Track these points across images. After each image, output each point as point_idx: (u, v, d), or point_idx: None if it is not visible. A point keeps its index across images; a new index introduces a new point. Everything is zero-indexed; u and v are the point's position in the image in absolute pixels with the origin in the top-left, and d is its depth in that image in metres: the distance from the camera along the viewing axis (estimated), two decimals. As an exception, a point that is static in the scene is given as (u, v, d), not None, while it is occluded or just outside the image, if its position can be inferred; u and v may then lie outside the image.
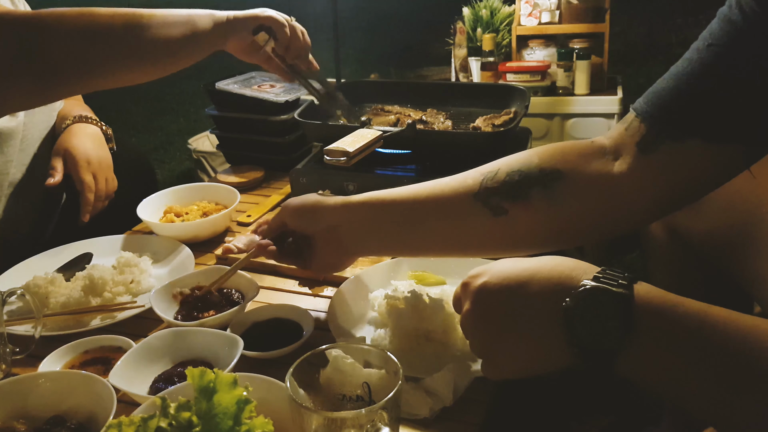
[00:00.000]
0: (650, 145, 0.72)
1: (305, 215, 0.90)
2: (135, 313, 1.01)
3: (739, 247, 0.93)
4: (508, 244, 0.81)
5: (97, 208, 1.31)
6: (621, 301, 0.55)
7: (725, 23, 0.68)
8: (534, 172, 0.77)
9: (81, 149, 1.32)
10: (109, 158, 1.37)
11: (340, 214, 0.87)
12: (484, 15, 2.37)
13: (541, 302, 0.60)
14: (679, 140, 0.70)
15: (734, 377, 0.53)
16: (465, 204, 0.80)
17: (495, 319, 0.63)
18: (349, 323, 0.95)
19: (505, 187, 0.78)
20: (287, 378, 0.62)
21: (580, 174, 0.76)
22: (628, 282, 0.57)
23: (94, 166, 1.32)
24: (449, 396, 0.77)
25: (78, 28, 0.91)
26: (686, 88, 0.70)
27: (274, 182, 1.55)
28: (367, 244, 0.89)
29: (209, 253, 1.22)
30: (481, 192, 0.79)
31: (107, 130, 1.43)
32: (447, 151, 1.29)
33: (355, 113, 1.43)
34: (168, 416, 0.57)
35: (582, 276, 0.59)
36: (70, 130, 1.37)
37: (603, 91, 2.30)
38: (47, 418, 0.75)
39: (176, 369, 0.84)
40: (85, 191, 1.29)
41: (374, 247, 0.90)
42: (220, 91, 1.57)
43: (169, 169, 3.48)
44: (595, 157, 0.77)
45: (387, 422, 0.60)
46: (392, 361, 0.64)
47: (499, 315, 0.62)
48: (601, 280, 0.57)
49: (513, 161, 0.80)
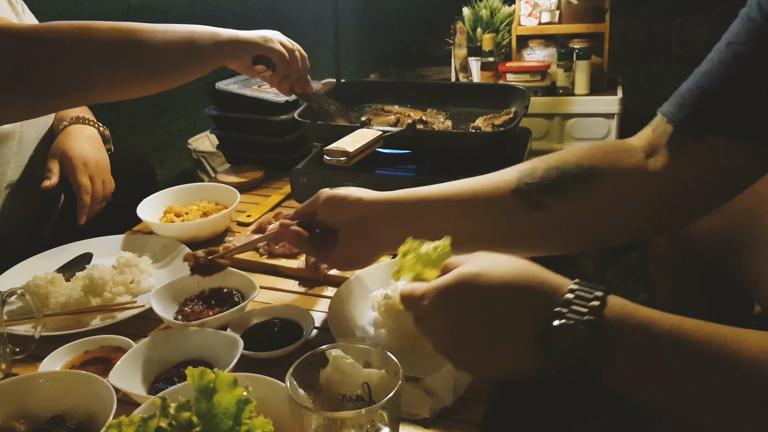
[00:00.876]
0: (678, 145, 0.73)
1: (338, 205, 0.88)
2: (135, 313, 1.01)
3: (739, 246, 0.93)
4: (545, 240, 0.80)
5: (94, 211, 1.31)
6: (591, 329, 0.55)
7: (746, 22, 0.69)
8: (571, 169, 0.77)
9: (77, 151, 1.31)
10: (106, 160, 1.37)
11: (375, 208, 0.86)
12: (484, 15, 2.37)
13: (518, 319, 0.58)
14: (701, 138, 0.71)
15: (712, 388, 0.54)
16: (503, 200, 0.79)
17: (468, 326, 0.60)
18: (349, 323, 0.95)
19: (543, 182, 0.78)
20: (287, 378, 0.62)
21: (616, 170, 0.76)
22: (600, 302, 0.56)
23: (91, 168, 1.31)
24: (449, 396, 0.77)
25: (76, 44, 0.92)
26: (706, 87, 0.71)
27: (274, 182, 1.55)
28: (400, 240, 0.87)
29: (209, 253, 1.22)
30: (520, 188, 0.79)
31: (104, 132, 1.42)
32: (447, 151, 1.29)
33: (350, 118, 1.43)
34: (168, 416, 0.57)
35: (555, 296, 0.58)
36: (66, 131, 1.36)
37: (603, 91, 2.30)
38: (47, 418, 0.75)
39: (176, 369, 0.84)
40: (81, 194, 1.29)
41: None
42: (220, 91, 1.57)
43: (169, 169, 3.48)
44: (629, 154, 0.77)
45: (387, 422, 0.60)
46: (392, 361, 0.64)
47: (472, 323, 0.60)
48: (573, 303, 0.57)
49: (549, 159, 0.80)
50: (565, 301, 0.57)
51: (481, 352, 0.61)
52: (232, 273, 1.04)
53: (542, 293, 0.59)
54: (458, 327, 0.61)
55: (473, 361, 0.62)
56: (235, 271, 1.05)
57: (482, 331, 0.60)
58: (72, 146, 1.32)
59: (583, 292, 0.58)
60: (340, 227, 0.89)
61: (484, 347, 0.60)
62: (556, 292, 0.59)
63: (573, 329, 0.55)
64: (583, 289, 0.58)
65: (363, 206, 0.87)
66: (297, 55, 1.22)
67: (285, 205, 1.42)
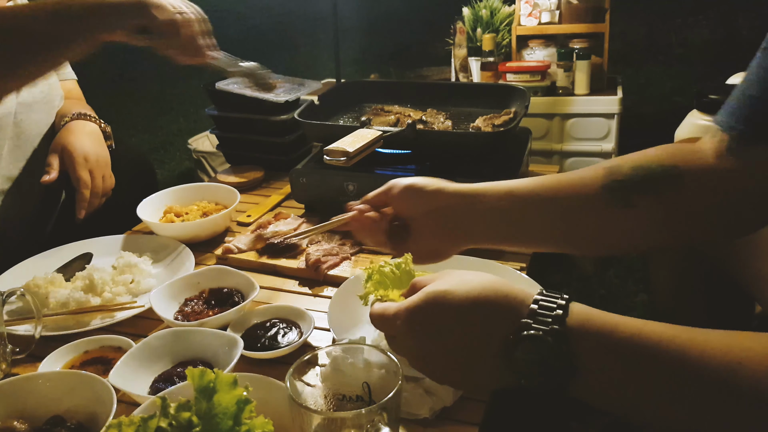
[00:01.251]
0: (737, 152, 0.72)
1: (417, 195, 0.84)
2: (135, 313, 1.01)
3: (740, 246, 0.93)
4: (631, 239, 0.80)
5: (93, 206, 1.30)
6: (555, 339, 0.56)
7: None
8: (656, 167, 0.77)
9: (78, 146, 1.31)
10: (107, 156, 1.36)
11: (458, 199, 0.83)
12: (484, 15, 2.37)
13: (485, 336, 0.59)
14: (756, 144, 0.70)
15: (673, 392, 0.54)
16: (592, 195, 0.78)
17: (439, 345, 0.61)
18: (349, 323, 0.95)
19: (632, 180, 0.77)
20: (287, 378, 0.62)
21: (698, 169, 0.76)
22: (563, 311, 0.57)
23: (92, 163, 1.31)
24: (449, 396, 0.77)
25: None
26: (751, 94, 0.71)
27: (274, 182, 1.55)
28: (484, 233, 0.85)
29: (209, 253, 1.22)
30: (609, 184, 0.78)
31: (106, 128, 1.42)
32: (447, 151, 1.29)
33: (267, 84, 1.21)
34: (168, 416, 0.57)
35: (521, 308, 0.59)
36: (68, 127, 1.36)
37: (603, 91, 2.30)
38: (47, 418, 0.75)
39: (176, 369, 0.84)
40: (81, 188, 1.28)
41: (487, 237, 0.85)
42: (220, 91, 1.57)
43: (169, 169, 3.48)
44: (701, 156, 0.77)
45: (387, 422, 0.60)
46: (392, 361, 0.64)
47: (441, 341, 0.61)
48: (537, 314, 0.57)
49: (632, 158, 0.79)
50: (530, 312, 0.58)
51: (453, 369, 0.62)
52: (232, 273, 1.05)
53: (508, 308, 0.59)
54: (429, 345, 0.62)
55: (447, 377, 0.64)
56: (235, 271, 1.05)
57: (452, 349, 0.61)
58: (73, 141, 1.32)
59: (546, 302, 0.58)
60: (414, 219, 0.85)
61: (455, 364, 0.61)
62: (521, 305, 0.59)
63: (539, 340, 0.56)
64: (547, 298, 0.59)
65: (445, 197, 0.83)
66: (186, 18, 1.01)
67: (285, 205, 1.42)
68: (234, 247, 1.19)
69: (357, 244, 1.18)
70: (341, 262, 1.13)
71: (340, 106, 1.53)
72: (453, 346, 0.60)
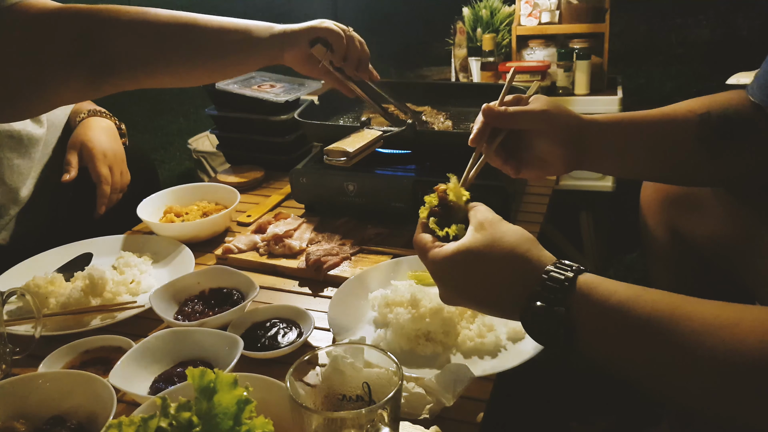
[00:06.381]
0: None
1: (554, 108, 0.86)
2: (135, 313, 1.01)
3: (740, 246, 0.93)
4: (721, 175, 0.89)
5: (112, 201, 1.32)
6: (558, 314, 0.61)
7: None
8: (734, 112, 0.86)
9: (97, 142, 1.33)
10: (122, 152, 1.39)
11: (590, 128, 0.87)
12: (484, 15, 2.37)
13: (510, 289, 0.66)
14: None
15: (664, 354, 0.57)
16: (689, 125, 0.86)
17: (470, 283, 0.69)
18: (349, 323, 0.95)
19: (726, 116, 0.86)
20: (287, 378, 0.62)
21: None
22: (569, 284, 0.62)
23: (110, 159, 1.33)
24: (449, 396, 0.77)
25: (134, 23, 0.93)
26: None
27: (274, 182, 1.55)
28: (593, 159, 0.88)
29: (209, 253, 1.22)
30: (705, 115, 0.87)
31: (120, 125, 1.45)
32: (447, 151, 1.28)
33: None
34: (168, 416, 0.57)
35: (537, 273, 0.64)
36: (85, 123, 1.38)
37: (603, 91, 2.29)
38: (47, 418, 0.75)
39: (176, 369, 0.84)
40: (102, 183, 1.30)
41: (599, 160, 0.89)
42: (220, 91, 1.57)
43: (169, 169, 3.48)
44: None
45: (387, 422, 0.60)
46: (392, 361, 0.64)
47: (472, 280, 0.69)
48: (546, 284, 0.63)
49: (716, 99, 0.90)
50: (540, 281, 0.63)
51: (480, 302, 0.70)
52: (232, 273, 1.05)
53: (529, 269, 0.65)
54: (468, 279, 0.69)
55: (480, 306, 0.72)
56: (235, 271, 1.05)
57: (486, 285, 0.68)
58: (92, 137, 1.34)
59: (557, 273, 0.63)
60: (537, 137, 0.87)
61: (483, 299, 0.69)
62: (538, 269, 0.65)
63: (545, 311, 0.62)
64: (558, 270, 0.63)
65: (573, 121, 0.86)
66: (354, 35, 1.15)
67: (285, 205, 1.42)
68: (234, 247, 1.19)
69: (357, 244, 1.19)
70: (341, 262, 1.13)
71: (340, 106, 1.53)
72: (487, 283, 0.68)
